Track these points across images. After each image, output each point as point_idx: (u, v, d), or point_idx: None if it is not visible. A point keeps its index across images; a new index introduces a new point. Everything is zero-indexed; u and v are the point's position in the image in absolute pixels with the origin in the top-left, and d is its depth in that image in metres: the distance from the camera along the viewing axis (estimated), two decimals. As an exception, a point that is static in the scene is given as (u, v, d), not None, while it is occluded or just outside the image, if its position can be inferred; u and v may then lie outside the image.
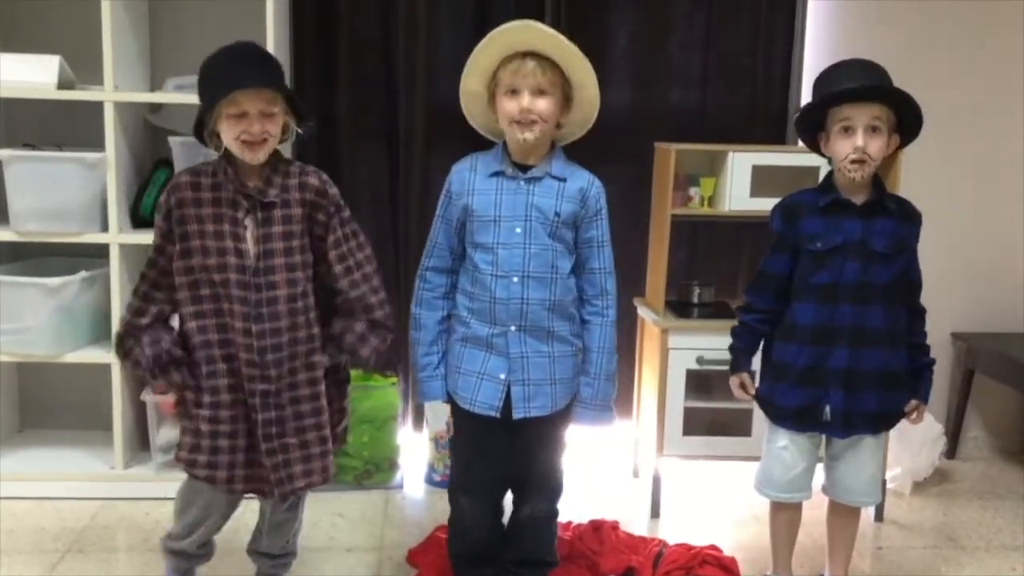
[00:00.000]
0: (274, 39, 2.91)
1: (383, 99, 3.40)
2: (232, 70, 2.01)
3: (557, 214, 2.19)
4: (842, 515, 2.47)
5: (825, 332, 2.27)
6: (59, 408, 3.39)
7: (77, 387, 3.30)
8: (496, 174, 2.22)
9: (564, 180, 2.22)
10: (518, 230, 2.18)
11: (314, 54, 3.33)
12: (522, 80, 2.12)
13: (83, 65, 2.96)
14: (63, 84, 2.90)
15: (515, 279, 2.18)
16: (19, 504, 2.97)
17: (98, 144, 2.91)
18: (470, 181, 2.23)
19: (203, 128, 2.06)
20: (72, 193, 2.89)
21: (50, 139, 3.10)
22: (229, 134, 2.02)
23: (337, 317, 2.19)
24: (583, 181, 2.24)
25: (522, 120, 2.13)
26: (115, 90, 2.88)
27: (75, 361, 3.01)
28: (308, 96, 3.33)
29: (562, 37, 2.13)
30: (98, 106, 2.87)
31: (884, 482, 3.02)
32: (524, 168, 2.21)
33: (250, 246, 2.08)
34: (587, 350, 2.29)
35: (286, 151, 3.16)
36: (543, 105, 2.13)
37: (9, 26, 3.17)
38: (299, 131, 2.15)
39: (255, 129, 2.00)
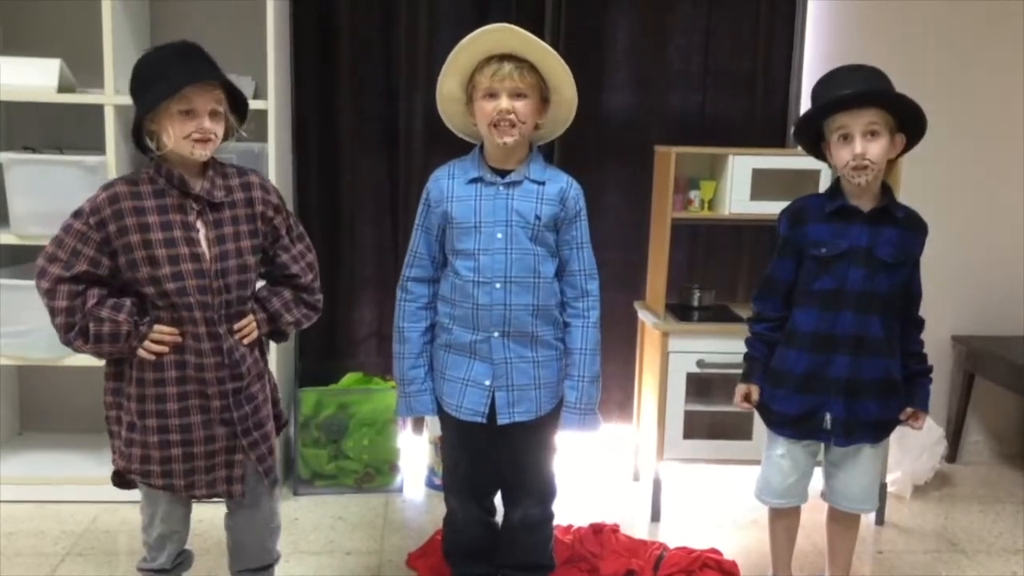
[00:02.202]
0: (274, 42, 2.91)
1: (383, 101, 3.40)
2: (181, 66, 1.97)
3: (538, 217, 2.19)
4: (841, 522, 2.46)
5: (826, 339, 2.26)
6: (59, 411, 3.39)
7: (77, 390, 3.29)
8: (475, 180, 2.21)
9: (543, 183, 2.21)
10: (499, 235, 2.17)
11: (314, 56, 3.33)
12: (500, 83, 2.11)
13: (83, 68, 2.96)
14: (63, 87, 2.90)
15: (497, 285, 2.17)
16: (19, 507, 2.97)
17: (98, 147, 2.91)
18: (448, 188, 2.22)
19: (141, 130, 2.02)
20: (72, 196, 2.85)
21: (50, 142, 3.11)
22: (178, 132, 1.97)
23: (263, 286, 2.19)
24: (562, 183, 2.23)
25: (500, 122, 2.11)
26: (115, 93, 2.88)
27: (75, 364, 3.00)
28: (308, 98, 3.34)
29: (539, 40, 2.12)
30: (98, 109, 2.88)
31: (884, 486, 3.03)
32: (502, 173, 2.20)
33: (205, 249, 2.04)
34: (569, 353, 2.27)
35: (285, 156, 3.18)
36: (521, 107, 2.12)
37: (10, 29, 3.17)
38: (243, 133, 2.13)
39: (206, 126, 1.98)
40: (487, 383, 2.21)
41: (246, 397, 2.12)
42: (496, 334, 2.19)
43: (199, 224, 2.04)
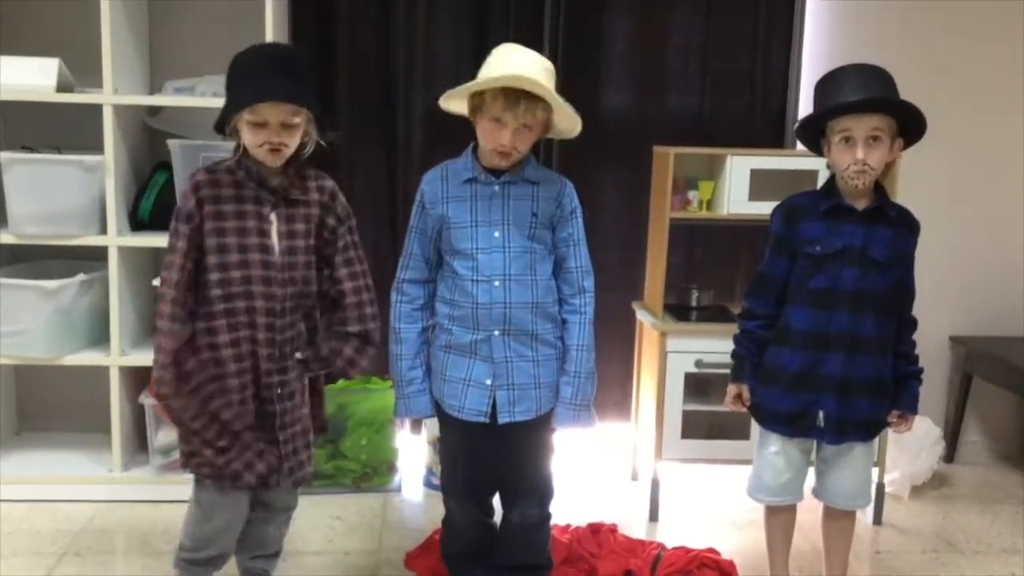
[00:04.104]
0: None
1: (382, 103, 3.40)
2: (259, 78, 2.02)
3: (534, 215, 2.20)
4: (836, 519, 2.46)
5: (820, 337, 2.26)
6: (57, 411, 3.38)
7: (75, 390, 3.30)
8: (469, 180, 2.21)
9: (537, 183, 2.22)
10: (496, 234, 2.18)
11: (313, 56, 3.32)
12: (511, 117, 2.10)
13: (82, 68, 2.96)
14: (62, 87, 2.90)
15: (496, 283, 2.18)
16: (16, 507, 2.96)
17: (97, 147, 2.90)
18: (443, 189, 2.22)
19: (225, 123, 2.09)
20: (71, 196, 2.89)
21: (49, 142, 3.10)
22: (251, 140, 2.05)
23: (325, 336, 2.20)
24: (556, 182, 2.26)
25: (501, 151, 2.13)
26: (114, 93, 2.88)
27: (73, 364, 3.01)
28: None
29: (553, 92, 2.08)
30: (97, 109, 2.87)
31: (882, 486, 3.03)
32: (497, 173, 2.21)
33: (275, 242, 2.11)
34: (566, 348, 2.27)
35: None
36: (524, 139, 2.13)
37: (8, 29, 3.17)
38: (323, 143, 2.17)
39: (275, 140, 2.04)
40: (488, 382, 2.21)
41: (288, 393, 2.16)
42: (496, 332, 2.19)
43: (272, 217, 2.11)
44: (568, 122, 2.18)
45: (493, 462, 2.32)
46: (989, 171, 3.57)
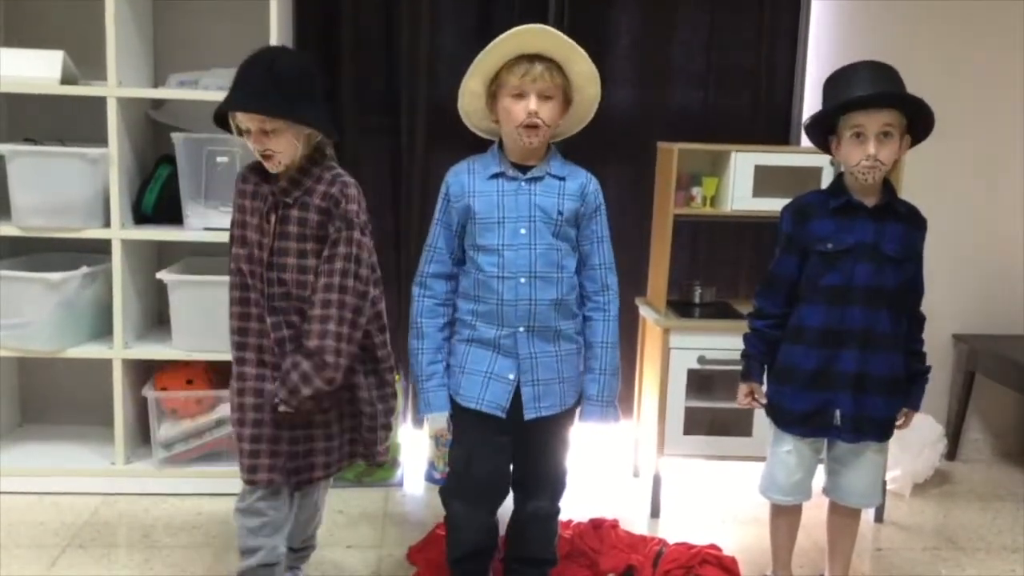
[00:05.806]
0: (277, 37, 2.90)
1: (386, 99, 3.40)
2: (233, 87, 2.08)
3: (560, 212, 2.19)
4: (843, 516, 2.47)
5: (834, 335, 2.26)
6: (60, 403, 3.39)
7: (78, 382, 3.30)
8: (496, 175, 2.21)
9: (563, 179, 2.22)
10: (523, 231, 2.18)
11: (317, 52, 3.32)
12: (530, 84, 2.11)
13: (86, 60, 2.96)
14: (66, 79, 2.90)
15: (522, 280, 2.17)
16: (19, 499, 2.97)
17: (101, 140, 2.90)
18: (469, 183, 2.22)
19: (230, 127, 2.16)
20: (74, 188, 2.89)
21: (53, 134, 3.10)
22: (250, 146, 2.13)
23: (289, 355, 2.14)
24: (582, 178, 2.25)
25: (528, 124, 2.12)
26: (118, 86, 2.88)
27: (76, 356, 3.01)
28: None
29: (570, 40, 2.13)
30: (101, 101, 2.87)
31: (884, 484, 3.03)
32: (523, 168, 2.21)
33: (269, 240, 2.14)
34: (590, 346, 2.27)
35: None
36: (548, 110, 2.13)
37: (13, 21, 3.17)
38: (317, 139, 2.17)
39: (258, 146, 2.08)
40: (511, 377, 2.20)
41: None
42: (521, 329, 2.19)
43: (272, 216, 2.14)
44: (586, 77, 2.17)
45: (508, 458, 2.30)
46: (991, 169, 3.56)
